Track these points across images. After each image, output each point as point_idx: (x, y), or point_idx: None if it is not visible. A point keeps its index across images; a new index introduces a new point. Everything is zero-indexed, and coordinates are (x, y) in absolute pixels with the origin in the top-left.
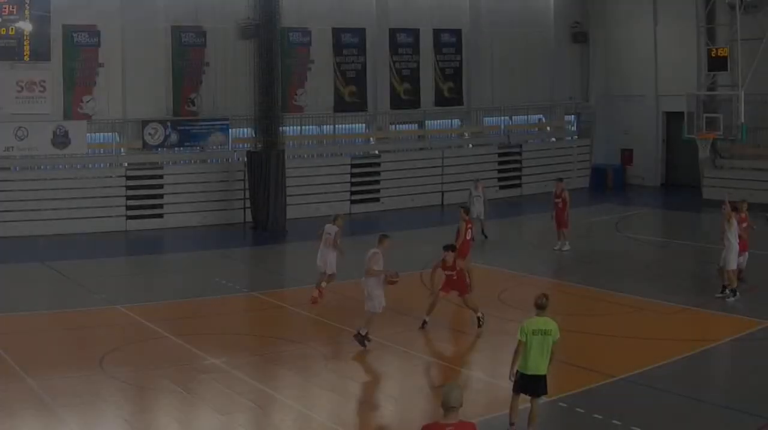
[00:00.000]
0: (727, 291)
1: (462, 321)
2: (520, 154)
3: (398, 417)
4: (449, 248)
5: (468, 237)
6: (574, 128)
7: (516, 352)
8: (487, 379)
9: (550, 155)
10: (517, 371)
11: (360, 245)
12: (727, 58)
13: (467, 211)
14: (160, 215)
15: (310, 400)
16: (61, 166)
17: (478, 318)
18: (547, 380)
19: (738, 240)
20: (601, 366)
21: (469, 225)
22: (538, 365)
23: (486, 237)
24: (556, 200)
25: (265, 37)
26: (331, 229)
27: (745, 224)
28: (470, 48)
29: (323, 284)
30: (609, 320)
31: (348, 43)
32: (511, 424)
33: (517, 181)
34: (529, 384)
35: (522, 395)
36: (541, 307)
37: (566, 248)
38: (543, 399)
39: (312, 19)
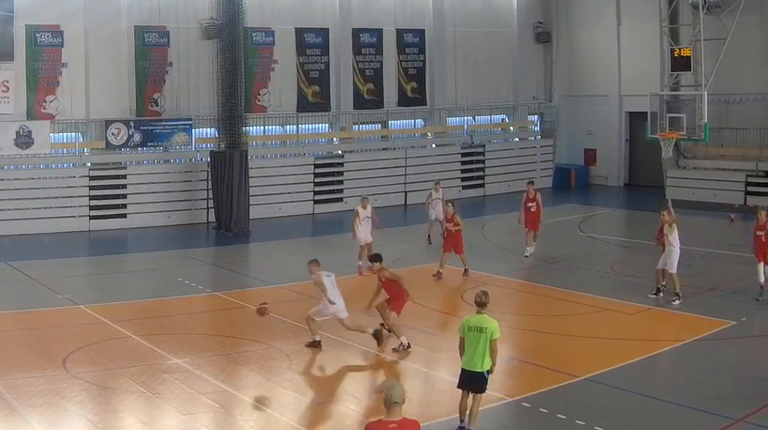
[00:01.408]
0: (675, 296)
1: (424, 321)
2: (483, 154)
3: (361, 416)
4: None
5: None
6: (537, 128)
7: (459, 347)
8: (450, 379)
9: (514, 155)
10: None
11: (322, 244)
12: (690, 58)
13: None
14: (124, 215)
15: (273, 400)
16: (24, 167)
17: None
18: (487, 378)
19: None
20: (565, 366)
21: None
22: (474, 362)
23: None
24: (530, 204)
25: (228, 38)
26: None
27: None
28: (433, 48)
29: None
30: (572, 320)
31: (311, 43)
32: (461, 422)
33: (480, 182)
34: (467, 380)
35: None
36: (480, 304)
37: (530, 252)
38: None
39: (275, 19)
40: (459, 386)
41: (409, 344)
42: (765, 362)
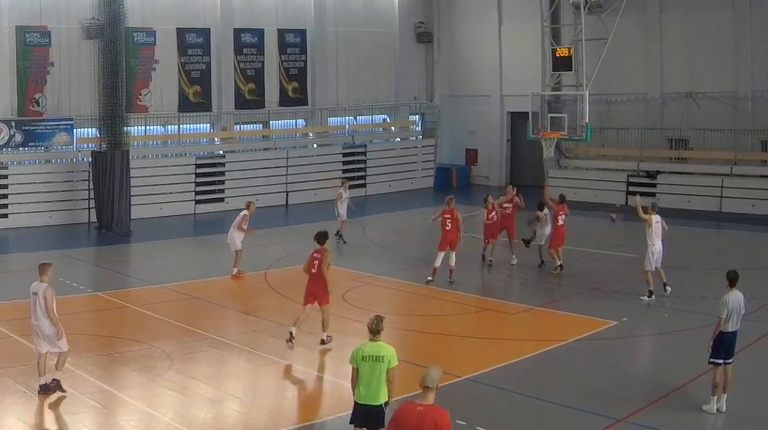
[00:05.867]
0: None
1: (307, 321)
2: (364, 154)
3: (242, 417)
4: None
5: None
6: (418, 128)
7: (351, 379)
8: (332, 379)
9: (395, 155)
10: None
11: (204, 244)
12: (571, 58)
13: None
14: (5, 215)
15: (154, 400)
16: None
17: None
18: (385, 411)
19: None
20: (446, 366)
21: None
22: (370, 394)
23: (344, 242)
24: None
25: (109, 37)
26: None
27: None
28: (315, 48)
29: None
30: (454, 320)
31: (192, 43)
32: None
33: (361, 181)
34: (363, 415)
35: None
36: (373, 331)
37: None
38: None
39: (156, 19)
40: (352, 422)
41: None
42: (645, 362)
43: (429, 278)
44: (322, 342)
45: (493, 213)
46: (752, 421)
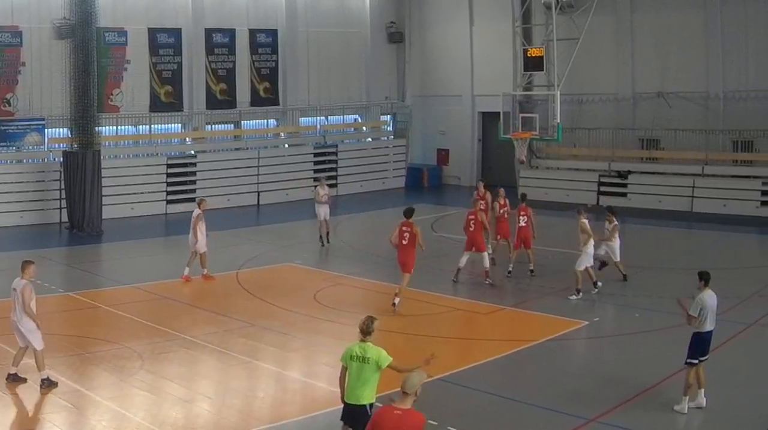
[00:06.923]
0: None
1: (276, 320)
2: (336, 154)
3: (213, 417)
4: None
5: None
6: (390, 128)
7: (339, 377)
8: (303, 379)
9: (366, 155)
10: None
11: (175, 245)
12: (543, 58)
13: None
14: None
15: (126, 400)
16: None
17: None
18: (370, 413)
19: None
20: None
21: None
22: (354, 394)
23: (324, 243)
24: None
25: (81, 37)
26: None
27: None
28: (286, 48)
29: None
30: (426, 320)
31: (164, 43)
32: None
33: (332, 182)
34: (348, 414)
35: None
36: (363, 331)
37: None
38: None
39: (128, 19)
40: (343, 420)
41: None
42: (616, 362)
43: (453, 279)
44: (393, 305)
45: (505, 209)
46: (726, 420)
